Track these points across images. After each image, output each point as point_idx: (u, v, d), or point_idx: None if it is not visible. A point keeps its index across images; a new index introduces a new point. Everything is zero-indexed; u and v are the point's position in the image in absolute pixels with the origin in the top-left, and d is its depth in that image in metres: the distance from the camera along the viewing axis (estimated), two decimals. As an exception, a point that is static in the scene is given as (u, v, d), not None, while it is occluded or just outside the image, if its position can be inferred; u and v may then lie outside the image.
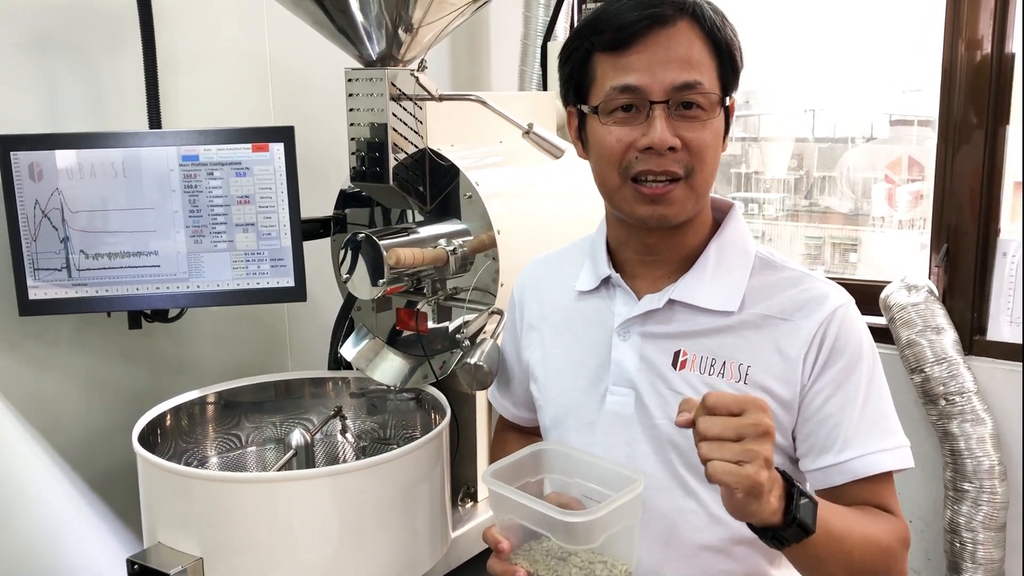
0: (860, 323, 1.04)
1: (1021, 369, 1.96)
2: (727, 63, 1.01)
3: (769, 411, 0.86)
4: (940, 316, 2.04)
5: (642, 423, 1.06)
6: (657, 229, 1.06)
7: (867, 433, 1.01)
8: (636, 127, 1.00)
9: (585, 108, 1.06)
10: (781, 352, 1.01)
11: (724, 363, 1.03)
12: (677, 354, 1.05)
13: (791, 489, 0.88)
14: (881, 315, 2.12)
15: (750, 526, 0.90)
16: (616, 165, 1.03)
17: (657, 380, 1.05)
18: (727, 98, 1.03)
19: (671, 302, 1.06)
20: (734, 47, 1.02)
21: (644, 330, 1.07)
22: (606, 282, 1.13)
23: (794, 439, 1.05)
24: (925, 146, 2.38)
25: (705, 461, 0.84)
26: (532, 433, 1.30)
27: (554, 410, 1.16)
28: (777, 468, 0.88)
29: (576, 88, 1.07)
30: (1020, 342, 2.03)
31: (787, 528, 0.87)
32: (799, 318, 1.02)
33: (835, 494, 1.01)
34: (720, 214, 1.12)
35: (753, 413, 0.84)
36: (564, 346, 1.16)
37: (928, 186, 2.14)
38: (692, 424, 0.86)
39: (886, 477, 1.03)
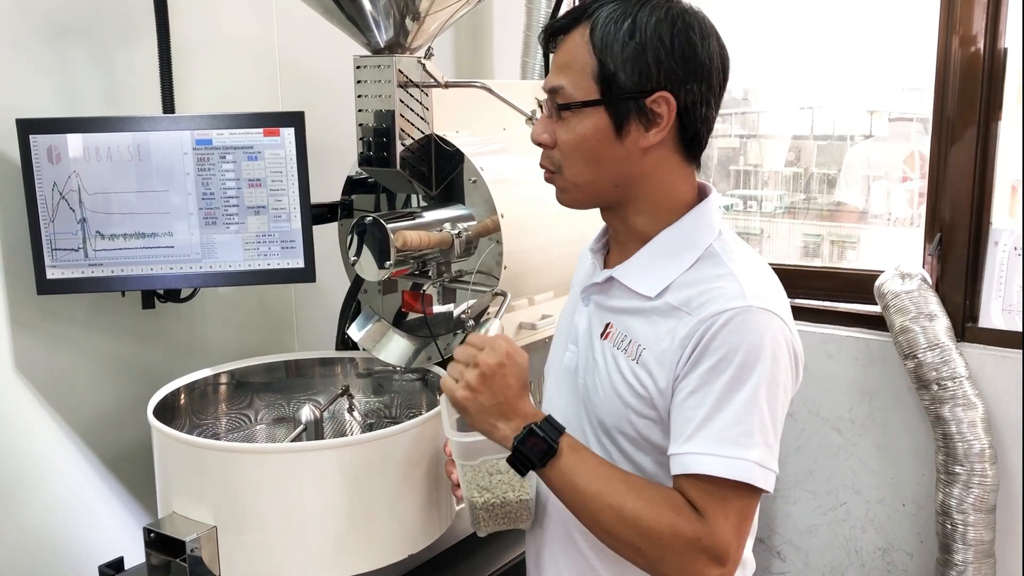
0: (750, 331, 1.01)
1: (1021, 356, 2.00)
2: (603, 65, 1.05)
3: (501, 354, 1.05)
4: (933, 303, 2.08)
5: (575, 380, 1.18)
6: (602, 210, 1.17)
7: (711, 436, 1.00)
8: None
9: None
10: (671, 341, 1.05)
11: (631, 341, 1.10)
12: (607, 325, 1.15)
13: (531, 428, 1.03)
14: (875, 303, 2.16)
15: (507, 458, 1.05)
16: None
17: (588, 345, 1.17)
18: (615, 97, 1.05)
19: (611, 279, 1.16)
20: (607, 50, 1.04)
21: (597, 299, 1.19)
22: (596, 254, 1.25)
23: None
24: (923, 143, 2.41)
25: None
26: None
27: (547, 360, 1.31)
28: (546, 419, 1.04)
29: None
30: (1011, 329, 2.07)
31: (513, 454, 1.03)
32: (696, 312, 1.04)
33: (674, 483, 1.03)
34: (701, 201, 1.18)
35: (485, 352, 1.05)
36: (566, 304, 1.31)
37: (922, 182, 2.18)
38: None
39: (719, 484, 0.99)
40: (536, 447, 1.02)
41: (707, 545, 0.99)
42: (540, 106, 1.17)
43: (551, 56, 1.13)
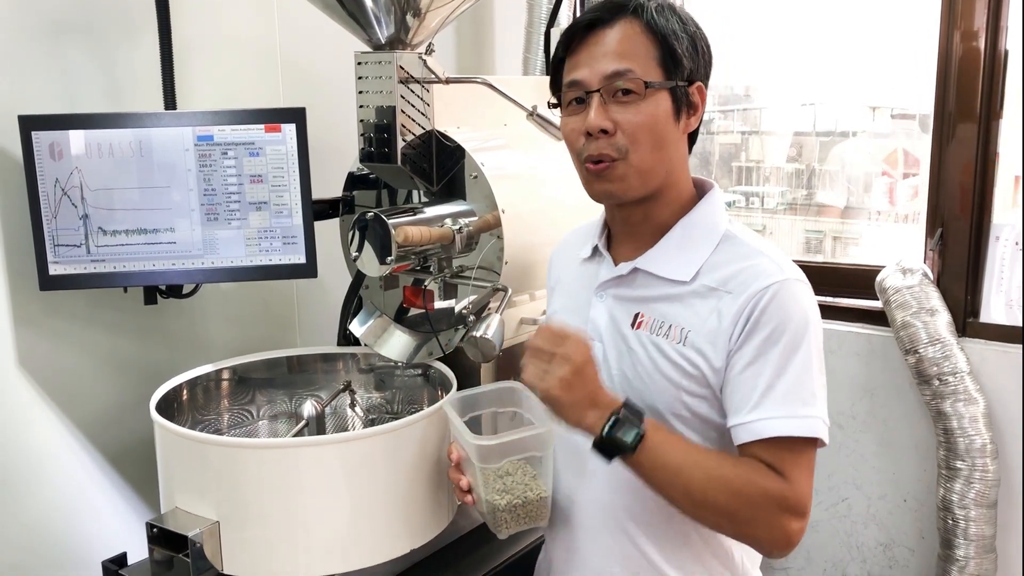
0: (794, 301, 1.09)
1: (1022, 351, 2.00)
2: (667, 51, 1.12)
3: (585, 349, 1.07)
4: (934, 298, 2.08)
5: (605, 372, 1.19)
6: (624, 204, 1.19)
7: (776, 400, 1.07)
8: (582, 116, 1.15)
9: (555, 106, 1.23)
10: (718, 320, 1.11)
11: (671, 326, 1.14)
12: (636, 315, 1.18)
13: (619, 414, 1.05)
14: (876, 298, 2.17)
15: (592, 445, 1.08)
16: (573, 150, 1.19)
17: (618, 337, 1.19)
18: (677, 82, 1.13)
19: (635, 269, 1.20)
20: (673, 37, 1.12)
21: (615, 292, 1.22)
22: (596, 251, 1.28)
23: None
24: (925, 140, 2.42)
25: (523, 368, 1.09)
26: None
27: None
28: (628, 402, 1.07)
29: (556, 93, 1.23)
30: (1012, 324, 2.07)
31: (602, 442, 1.06)
32: (738, 291, 1.10)
33: (744, 452, 1.10)
34: (703, 194, 1.23)
35: (568, 345, 1.06)
36: (564, 303, 1.34)
37: (924, 178, 2.18)
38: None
39: (791, 443, 1.07)
40: (627, 431, 1.05)
41: (792, 502, 1.06)
42: (554, 103, 1.22)
43: (589, 46, 1.14)
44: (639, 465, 1.07)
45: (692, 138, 1.22)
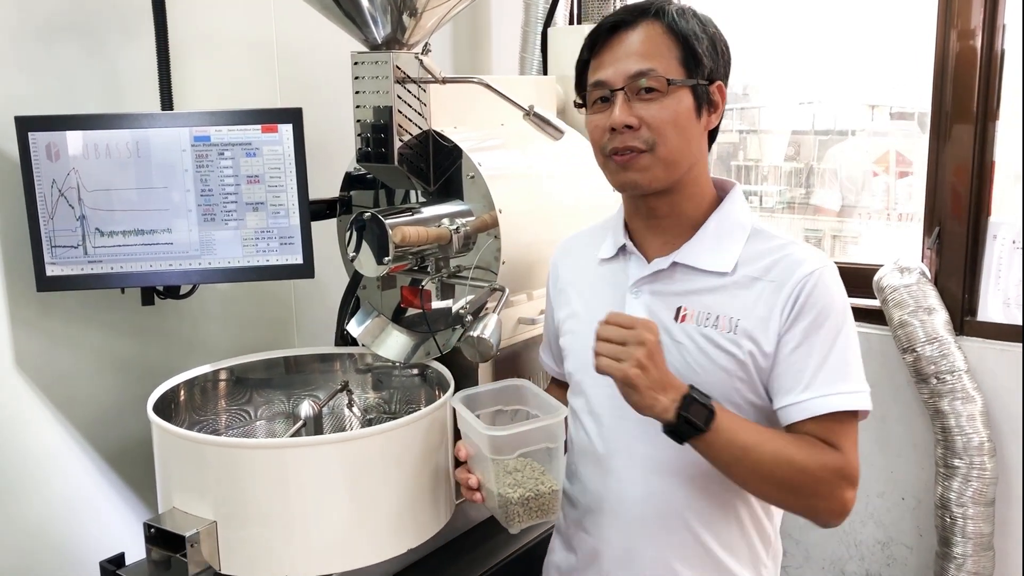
0: (833, 285, 1.18)
1: (1021, 349, 2.00)
2: (688, 51, 1.18)
3: (656, 331, 1.11)
4: (932, 297, 2.08)
5: None
6: (652, 195, 1.23)
7: (827, 378, 1.15)
8: (606, 113, 1.21)
9: (580, 106, 1.29)
10: (766, 308, 1.18)
11: (718, 316, 1.20)
12: (679, 309, 1.23)
13: (689, 396, 1.10)
14: (874, 297, 2.17)
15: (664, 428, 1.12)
16: (598, 146, 1.24)
17: (661, 331, 1.18)
18: (698, 80, 1.19)
19: (675, 264, 1.24)
20: (693, 38, 1.18)
21: (652, 288, 1.26)
22: (622, 250, 1.31)
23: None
24: (923, 138, 2.42)
25: (597, 355, 1.11)
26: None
27: (577, 359, 1.34)
28: (692, 388, 1.11)
29: (580, 92, 1.29)
30: (1009, 322, 2.07)
31: (677, 424, 1.10)
32: (781, 278, 1.18)
33: (795, 430, 1.17)
34: (724, 192, 1.29)
35: (639, 329, 1.10)
36: (586, 304, 1.34)
37: (922, 177, 2.18)
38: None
39: (842, 417, 1.15)
40: (699, 413, 1.10)
41: (847, 472, 1.14)
42: (579, 103, 1.28)
43: (613, 48, 1.20)
44: (710, 445, 1.12)
45: (711, 137, 1.27)
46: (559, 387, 1.51)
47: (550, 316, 1.47)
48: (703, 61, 1.19)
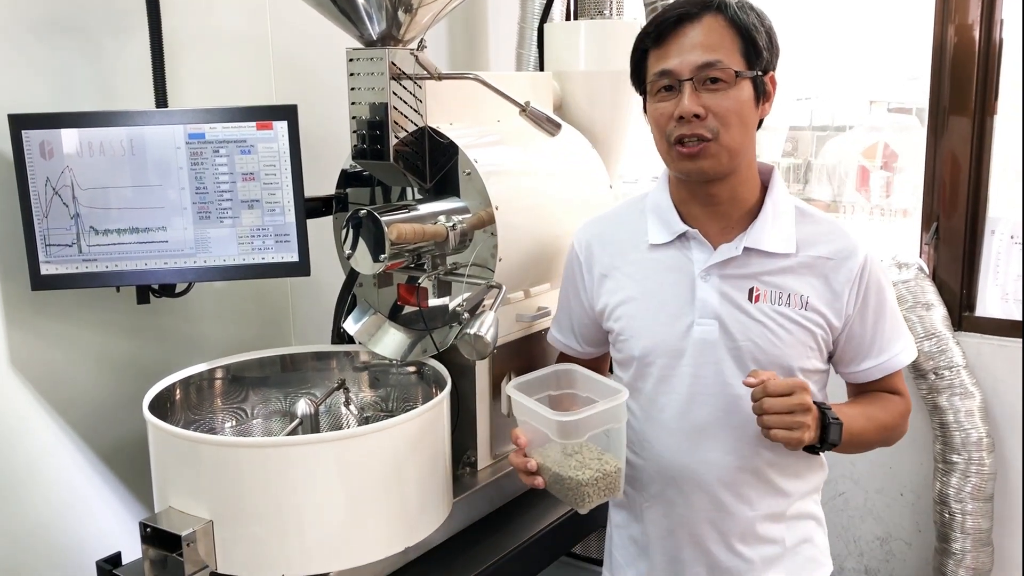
0: (880, 262, 1.35)
1: (1021, 345, 2.00)
2: (749, 44, 1.26)
3: (809, 391, 1.21)
4: (930, 293, 2.08)
5: (727, 346, 1.31)
6: (712, 181, 1.31)
7: (891, 340, 1.36)
8: (672, 102, 1.27)
9: (643, 93, 1.35)
10: (829, 286, 1.31)
11: (790, 295, 1.31)
12: (751, 290, 1.32)
13: (824, 419, 1.24)
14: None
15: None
16: (662, 133, 1.30)
17: (737, 312, 1.31)
18: (757, 72, 1.27)
19: (746, 249, 1.32)
20: (754, 31, 1.25)
21: (723, 272, 1.33)
22: (682, 236, 1.36)
23: (835, 347, 1.36)
24: (922, 133, 2.41)
25: (767, 427, 1.20)
26: (588, 364, 1.48)
27: (644, 343, 1.38)
28: (821, 409, 1.24)
29: (638, 79, 1.35)
30: (1008, 317, 2.07)
31: (822, 446, 1.26)
32: (841, 260, 1.31)
33: (867, 384, 1.39)
34: (766, 177, 1.37)
35: (799, 394, 1.20)
36: (644, 290, 1.38)
37: (914, 172, 2.18)
38: (755, 386, 1.21)
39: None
40: (836, 433, 1.25)
41: (908, 409, 1.41)
42: (671, 87, 1.29)
43: (678, 39, 1.26)
44: (840, 447, 1.28)
45: (761, 124, 1.35)
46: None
47: (578, 301, 1.49)
48: (762, 53, 1.26)
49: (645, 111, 1.37)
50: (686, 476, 1.36)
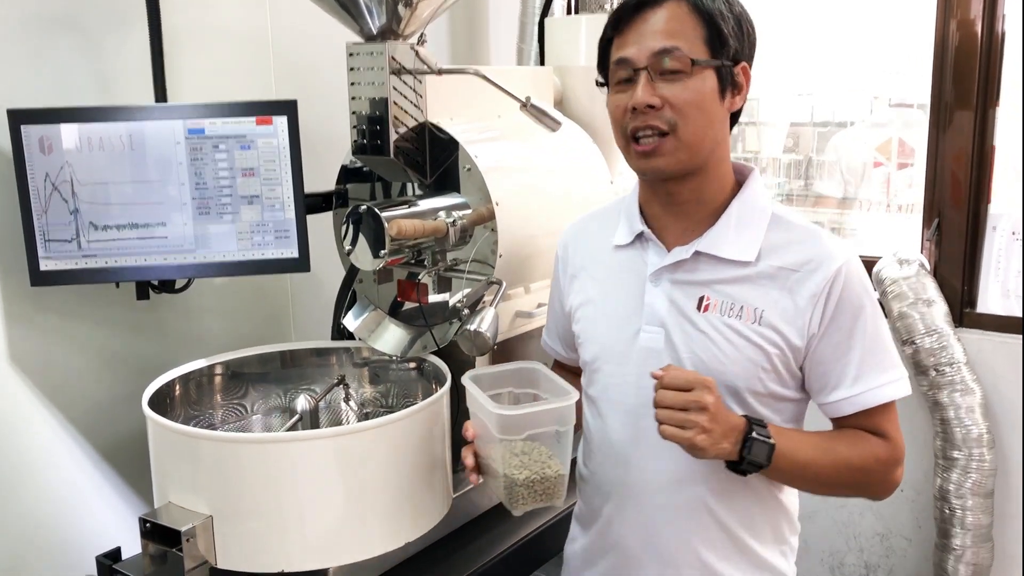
0: (862, 275, 1.19)
1: (1021, 341, 2.00)
2: (714, 31, 1.16)
3: (714, 390, 1.10)
4: (931, 289, 2.07)
5: (671, 356, 1.21)
6: (671, 179, 1.20)
7: (872, 370, 1.17)
8: (629, 92, 1.18)
9: (602, 85, 1.26)
10: (792, 300, 1.17)
11: (742, 307, 1.18)
12: (701, 299, 1.21)
13: (748, 432, 1.11)
14: (874, 289, 2.16)
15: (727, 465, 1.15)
16: (619, 127, 1.21)
17: (683, 321, 1.21)
18: (723, 61, 1.17)
19: (697, 253, 1.21)
20: (719, 17, 1.16)
21: (673, 277, 1.23)
22: (640, 237, 1.27)
23: (802, 373, 1.21)
24: (923, 128, 2.41)
25: (659, 423, 1.10)
26: (578, 372, 1.42)
27: (594, 348, 1.31)
28: (746, 416, 1.13)
29: (603, 71, 1.26)
30: (1009, 314, 2.07)
31: (741, 464, 1.12)
32: (808, 271, 1.17)
33: (843, 422, 1.21)
34: (743, 177, 1.26)
35: (698, 391, 1.09)
36: (602, 292, 1.32)
37: (921, 166, 2.17)
38: (658, 378, 1.11)
39: (887, 405, 1.20)
40: (761, 451, 1.12)
41: (896, 456, 1.20)
42: (601, 82, 1.26)
43: (637, 26, 1.17)
44: (773, 472, 1.15)
45: (733, 120, 1.25)
46: (565, 371, 1.50)
47: (558, 301, 1.43)
48: (729, 41, 1.17)
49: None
50: (622, 494, 1.27)
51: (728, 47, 1.17)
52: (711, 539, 1.24)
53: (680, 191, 1.22)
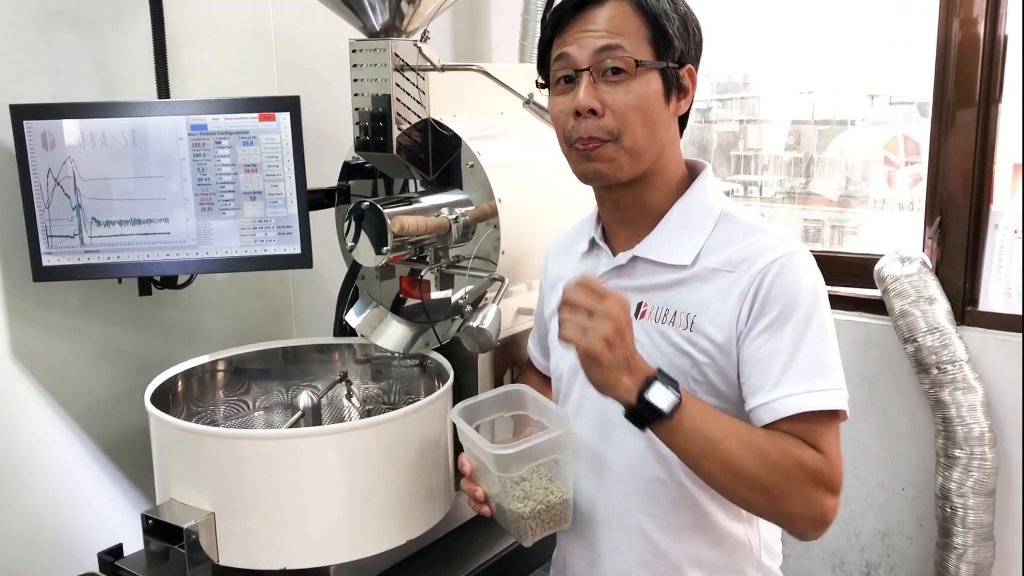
0: (802, 273, 1.08)
1: (1022, 340, 2.00)
2: (658, 31, 1.10)
3: (627, 308, 1.01)
4: (933, 287, 2.07)
5: None
6: (613, 187, 1.16)
7: (796, 376, 1.05)
8: (570, 95, 1.12)
9: (543, 86, 1.20)
10: (723, 301, 1.09)
11: (676, 313, 1.13)
12: (640, 305, 1.16)
13: (654, 379, 1.02)
14: (875, 287, 2.16)
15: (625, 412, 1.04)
16: (561, 132, 1.16)
17: None
18: (667, 63, 1.11)
19: (634, 258, 1.17)
20: (664, 17, 1.11)
21: (616, 284, 1.18)
22: (593, 243, 1.25)
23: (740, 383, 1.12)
24: (923, 126, 2.41)
25: (561, 322, 1.02)
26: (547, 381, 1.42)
27: (555, 358, 1.32)
28: (660, 372, 1.03)
29: (543, 72, 1.20)
30: (1011, 312, 2.06)
31: (637, 408, 1.01)
32: (741, 270, 1.09)
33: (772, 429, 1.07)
34: (697, 174, 1.21)
35: (609, 302, 1.00)
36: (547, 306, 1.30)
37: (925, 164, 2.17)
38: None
39: (819, 418, 1.05)
40: (663, 397, 1.01)
41: (827, 476, 1.04)
42: (543, 83, 1.19)
43: (578, 24, 1.11)
44: (675, 433, 1.03)
45: (683, 122, 1.20)
46: (538, 377, 1.49)
47: (540, 310, 1.44)
48: (674, 42, 1.11)
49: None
50: (582, 509, 1.23)
51: (673, 48, 1.11)
52: (653, 567, 1.18)
53: (622, 198, 1.18)
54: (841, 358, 1.12)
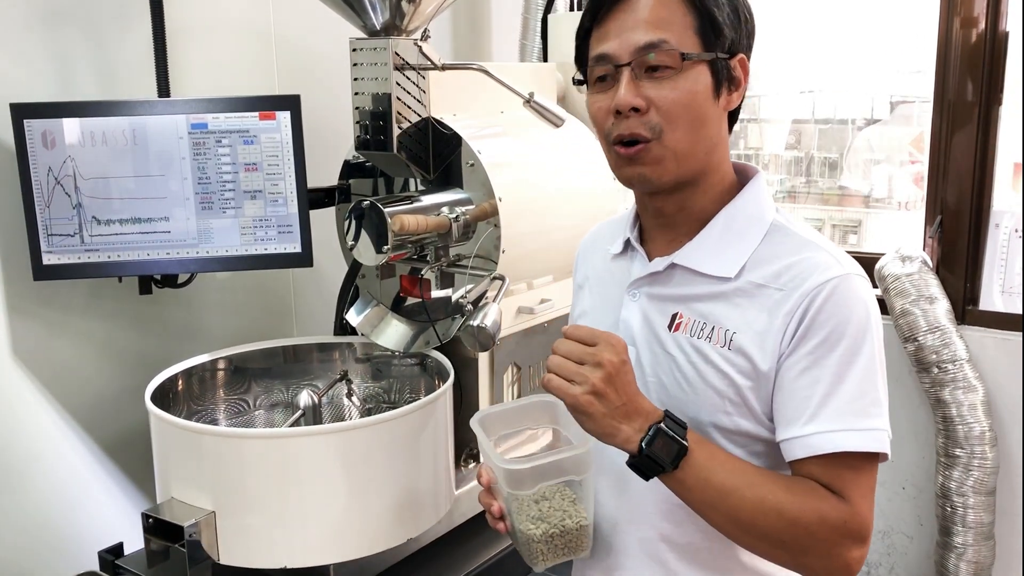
0: (855, 299, 0.98)
1: (1022, 339, 2.00)
2: (707, 20, 1.01)
3: (622, 351, 0.95)
4: (933, 286, 2.07)
5: (639, 380, 1.05)
6: (658, 193, 1.07)
7: (837, 411, 0.96)
8: (610, 93, 1.03)
9: (580, 83, 1.10)
10: (769, 320, 1.00)
11: (713, 328, 1.03)
12: (674, 316, 1.06)
13: (658, 427, 0.94)
14: (876, 286, 2.16)
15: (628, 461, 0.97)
16: (602, 132, 1.06)
17: (653, 340, 1.07)
18: (717, 54, 1.01)
19: (673, 265, 1.07)
20: (712, 4, 1.01)
21: (650, 291, 1.09)
22: (628, 245, 1.15)
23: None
24: (923, 125, 2.40)
25: (546, 374, 0.96)
26: None
27: None
28: (669, 413, 0.96)
29: (581, 68, 1.10)
30: (1011, 311, 2.07)
31: (639, 459, 0.94)
32: (790, 288, 0.99)
33: (797, 470, 0.99)
34: (746, 180, 1.11)
35: (601, 347, 0.94)
36: (593, 304, 1.20)
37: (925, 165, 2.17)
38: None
39: (851, 460, 0.96)
40: (667, 448, 0.94)
41: (853, 528, 0.95)
42: (579, 79, 1.10)
43: (618, 15, 1.02)
44: (680, 484, 0.96)
45: (733, 117, 1.10)
46: None
47: (573, 310, 1.32)
48: (724, 31, 1.01)
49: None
50: (603, 531, 1.12)
51: (723, 38, 1.01)
52: None
53: (665, 204, 1.08)
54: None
